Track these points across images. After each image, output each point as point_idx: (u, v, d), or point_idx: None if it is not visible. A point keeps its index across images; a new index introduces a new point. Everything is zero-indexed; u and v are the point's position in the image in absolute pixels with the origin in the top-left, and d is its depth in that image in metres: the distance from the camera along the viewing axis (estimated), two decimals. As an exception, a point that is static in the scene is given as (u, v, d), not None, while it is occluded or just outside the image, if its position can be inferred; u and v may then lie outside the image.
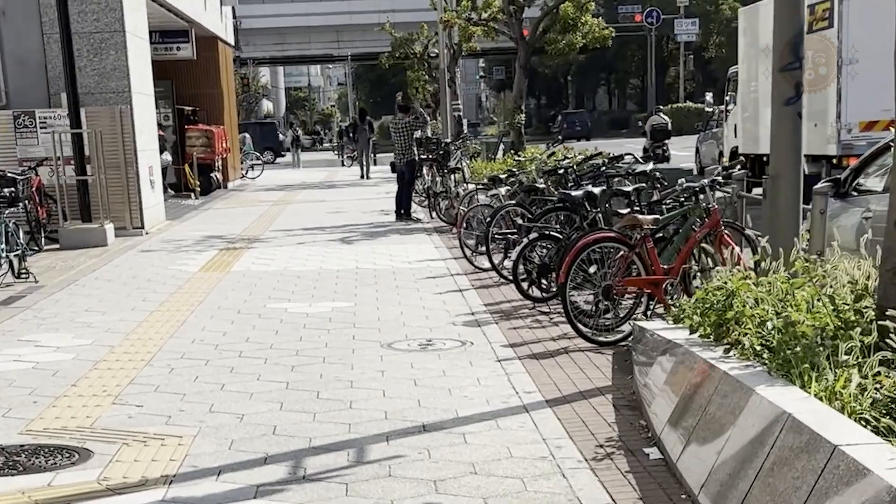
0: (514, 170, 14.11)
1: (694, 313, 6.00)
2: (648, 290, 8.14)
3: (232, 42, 32.76)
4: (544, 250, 9.91)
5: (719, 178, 8.60)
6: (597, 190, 9.81)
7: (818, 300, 5.05)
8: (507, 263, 11.05)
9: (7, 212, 11.73)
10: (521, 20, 20.01)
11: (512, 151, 19.20)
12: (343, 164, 42.44)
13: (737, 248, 8.16)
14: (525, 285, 9.92)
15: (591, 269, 8.12)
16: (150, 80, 19.06)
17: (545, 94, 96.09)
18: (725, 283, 5.68)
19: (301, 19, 73.62)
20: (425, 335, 8.64)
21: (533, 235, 9.76)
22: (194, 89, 28.22)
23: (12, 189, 11.92)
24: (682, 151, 33.16)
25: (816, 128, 16.52)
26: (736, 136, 22.58)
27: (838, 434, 3.63)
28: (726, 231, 8.35)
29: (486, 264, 11.75)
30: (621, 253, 8.10)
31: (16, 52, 16.85)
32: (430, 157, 18.80)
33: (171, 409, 6.51)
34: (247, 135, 37.41)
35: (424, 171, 19.11)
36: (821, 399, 4.19)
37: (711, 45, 72.46)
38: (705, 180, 8.45)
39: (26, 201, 15.03)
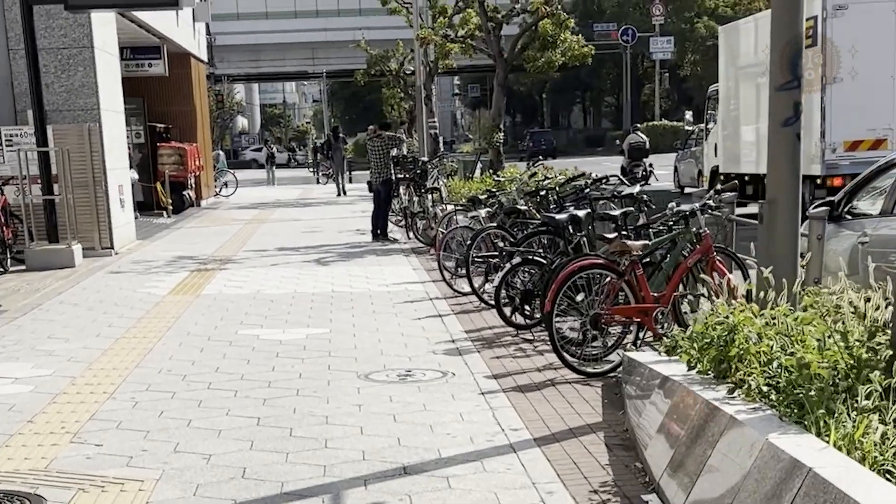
0: (494, 190, 13.77)
1: (691, 347, 5.65)
2: (638, 319, 7.78)
3: (205, 59, 32.39)
4: (527, 275, 9.56)
5: (710, 202, 8.26)
6: (581, 213, 9.47)
7: (829, 337, 4.70)
8: (489, 287, 10.72)
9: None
10: (500, 37, 19.64)
11: (490, 171, 18.86)
12: (318, 182, 42.08)
13: (730, 276, 7.83)
14: (507, 311, 9.55)
15: (579, 298, 7.76)
16: (119, 97, 18.57)
17: (520, 112, 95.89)
18: (727, 317, 5.31)
19: (276, 36, 73.51)
20: (404, 365, 8.25)
21: (516, 260, 9.39)
22: (167, 106, 27.77)
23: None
24: (658, 170, 32.86)
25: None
26: (716, 156, 22.36)
27: (867, 494, 3.28)
28: (718, 257, 8.03)
29: (466, 288, 11.40)
30: (609, 280, 7.75)
31: (-20, 70, 16.40)
32: (407, 176, 18.43)
33: (133, 448, 6.09)
34: (220, 152, 36.97)
35: (401, 190, 18.74)
36: (839, 448, 3.84)
37: (686, 64, 72.52)
38: (696, 204, 8.12)
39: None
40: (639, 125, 32.91)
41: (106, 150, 16.65)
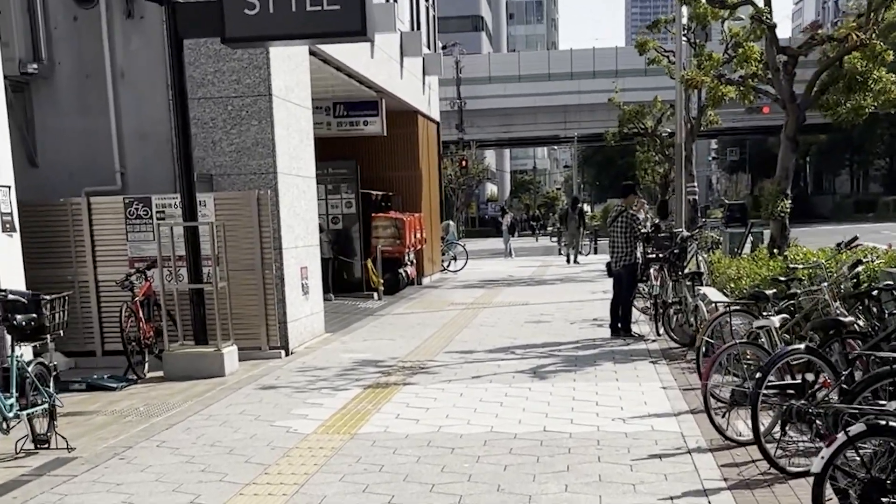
0: (784, 280, 9.59)
1: None
2: None
3: (437, 117, 29.00)
4: (870, 447, 5.39)
5: None
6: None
7: None
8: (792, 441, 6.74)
9: (23, 347, 7.95)
10: (793, 75, 14.95)
11: (773, 249, 14.40)
12: (560, 253, 38.40)
13: None
14: (833, 509, 5.42)
15: None
16: (309, 158, 15.15)
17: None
18: None
19: (527, 100, 71.75)
20: None
21: (856, 430, 5.20)
22: (387, 171, 24.62)
23: (33, 316, 8.06)
24: (950, 242, 27.50)
25: None
26: None
27: None
28: None
29: (743, 432, 7.41)
30: None
31: (136, 125, 13.46)
32: (660, 255, 14.28)
33: None
34: (450, 222, 33.60)
35: (652, 272, 14.57)
36: None
37: (981, 123, 64.97)
38: None
39: (134, 319, 11.64)
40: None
41: (284, 225, 13.40)
